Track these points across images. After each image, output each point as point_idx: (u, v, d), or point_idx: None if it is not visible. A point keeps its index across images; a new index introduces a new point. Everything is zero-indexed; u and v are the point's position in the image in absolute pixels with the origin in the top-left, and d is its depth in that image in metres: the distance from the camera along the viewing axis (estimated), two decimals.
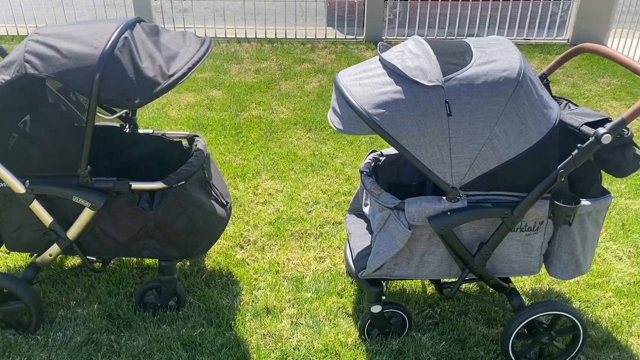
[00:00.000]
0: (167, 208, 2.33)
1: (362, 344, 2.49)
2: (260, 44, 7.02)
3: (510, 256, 2.34)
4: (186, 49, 2.33)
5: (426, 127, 2.04)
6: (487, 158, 2.10)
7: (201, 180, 2.53)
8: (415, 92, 2.03)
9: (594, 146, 2.06)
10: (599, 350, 2.50)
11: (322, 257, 3.07)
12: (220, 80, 5.73)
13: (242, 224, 3.31)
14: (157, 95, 2.15)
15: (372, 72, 2.18)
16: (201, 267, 2.93)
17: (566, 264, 2.37)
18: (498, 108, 2.05)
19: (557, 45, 7.22)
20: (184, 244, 2.44)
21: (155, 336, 2.47)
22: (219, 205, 2.59)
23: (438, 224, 2.16)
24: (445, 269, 2.36)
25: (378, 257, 2.31)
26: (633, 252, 3.18)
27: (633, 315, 2.70)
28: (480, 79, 2.04)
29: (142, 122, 4.66)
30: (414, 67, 2.07)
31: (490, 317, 2.67)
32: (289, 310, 2.67)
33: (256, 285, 2.83)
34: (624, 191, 3.82)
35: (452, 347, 2.49)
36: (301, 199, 3.60)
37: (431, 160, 2.09)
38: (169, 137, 2.80)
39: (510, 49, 2.16)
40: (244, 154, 4.17)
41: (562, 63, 2.60)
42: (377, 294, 2.42)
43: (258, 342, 2.49)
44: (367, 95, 2.07)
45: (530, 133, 2.09)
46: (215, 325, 2.55)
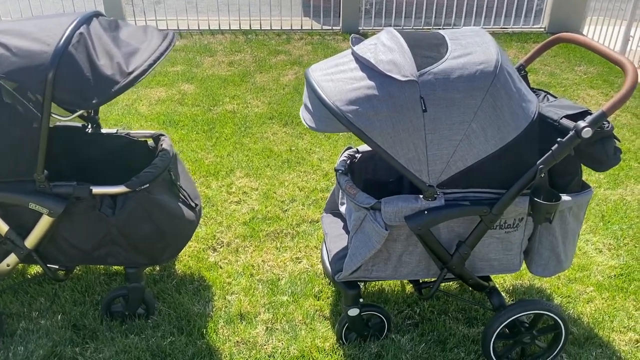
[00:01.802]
0: (130, 213, 2.21)
1: (339, 349, 2.41)
2: (235, 35, 6.86)
3: (489, 254, 2.27)
4: (147, 44, 2.20)
5: (401, 123, 1.95)
6: (464, 155, 2.02)
7: (167, 182, 2.41)
8: (388, 88, 1.94)
9: (574, 140, 1.99)
10: (581, 347, 2.46)
11: (298, 258, 2.97)
12: (192, 73, 5.57)
13: (215, 225, 3.19)
14: (116, 94, 2.02)
15: (344, 66, 2.08)
16: (171, 271, 2.81)
17: (547, 260, 2.31)
18: (475, 103, 1.96)
19: (534, 34, 7.19)
20: (150, 250, 2.32)
21: (122, 347, 2.35)
22: (187, 208, 2.47)
23: (415, 223, 2.07)
24: (423, 269, 2.28)
25: (355, 259, 2.22)
26: (613, 244, 3.15)
27: (614, 310, 2.66)
28: (455, 73, 1.95)
29: (110, 119, 4.50)
30: (387, 61, 1.97)
31: (470, 316, 2.61)
32: (264, 316, 2.57)
33: (229, 290, 2.72)
34: (603, 182, 3.79)
35: (432, 348, 2.42)
36: (277, 197, 3.50)
37: (407, 158, 2.00)
38: (134, 136, 2.67)
39: (487, 40, 2.08)
40: (217, 150, 4.04)
41: (540, 53, 2.54)
42: (354, 296, 2.33)
43: (231, 350, 2.38)
44: (340, 91, 1.97)
45: (508, 128, 2.01)
46: (186, 333, 2.44)
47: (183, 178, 2.59)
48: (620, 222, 3.34)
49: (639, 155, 4.19)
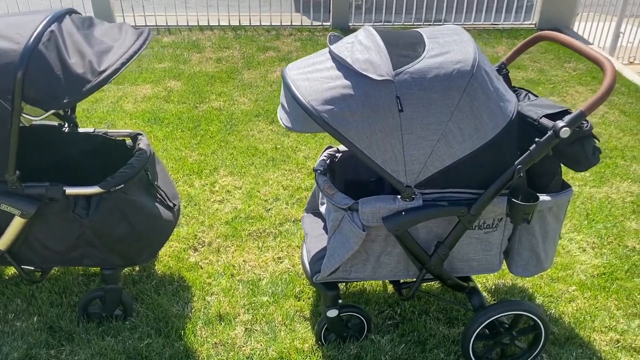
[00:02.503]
0: (104, 214, 2.17)
1: (318, 350, 2.38)
2: (224, 31, 6.80)
3: (469, 254, 2.25)
4: (121, 42, 2.16)
5: (377, 123, 1.93)
6: (442, 155, 2.00)
7: (144, 182, 2.37)
8: (364, 87, 1.91)
9: (552, 140, 1.97)
10: (562, 347, 2.45)
11: (280, 258, 2.95)
12: (179, 70, 5.53)
13: (196, 225, 3.16)
14: (87, 93, 1.99)
15: (320, 65, 2.05)
16: (151, 272, 2.78)
17: (527, 260, 2.29)
18: (452, 102, 1.94)
19: (524, 30, 7.16)
20: (127, 251, 2.29)
21: (98, 349, 2.32)
22: (165, 209, 2.44)
23: (392, 224, 2.05)
24: (402, 269, 2.26)
25: (333, 260, 2.20)
26: (597, 242, 3.14)
27: (596, 310, 2.65)
28: (432, 72, 1.93)
29: (95, 116, 4.45)
30: (364, 60, 1.94)
31: (451, 316, 2.59)
32: (244, 317, 2.55)
33: (209, 291, 2.69)
34: (588, 179, 3.78)
35: (412, 349, 2.40)
36: (261, 195, 3.47)
37: (384, 158, 1.98)
38: (111, 135, 2.63)
39: (465, 39, 2.05)
40: (202, 148, 4.00)
41: (521, 52, 2.52)
42: (333, 297, 2.31)
43: (209, 352, 2.36)
44: (315, 91, 1.94)
45: (485, 128, 1.99)
46: (164, 335, 2.41)
47: (161, 178, 2.55)
48: (604, 220, 3.33)
49: (625, 152, 4.18)
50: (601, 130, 4.56)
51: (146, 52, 5.98)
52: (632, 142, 4.37)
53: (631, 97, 5.34)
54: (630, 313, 2.64)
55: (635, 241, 3.15)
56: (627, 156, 4.13)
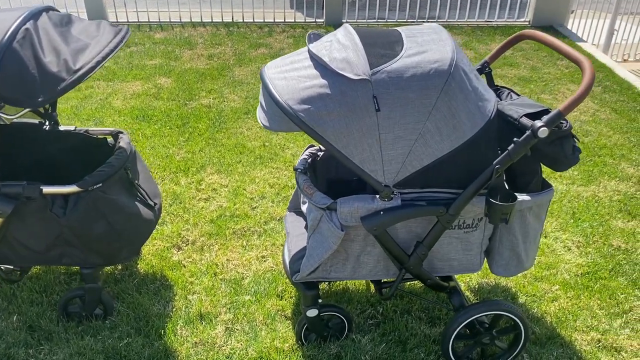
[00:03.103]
0: (82, 213, 2.16)
1: (299, 350, 2.38)
2: (216, 28, 6.78)
3: (449, 254, 2.25)
4: (98, 39, 2.14)
5: (354, 123, 1.91)
6: (420, 154, 1.98)
7: (124, 181, 2.36)
8: (341, 87, 1.90)
9: (531, 140, 1.96)
10: (543, 347, 2.44)
11: (264, 257, 2.94)
12: (170, 67, 5.50)
13: (181, 223, 3.15)
14: (62, 92, 1.97)
15: (298, 64, 2.03)
16: (133, 271, 2.78)
17: (508, 260, 2.28)
18: (429, 102, 1.93)
19: (518, 27, 7.14)
20: (106, 250, 2.28)
21: (77, 349, 2.31)
22: (146, 207, 2.42)
23: (370, 224, 2.04)
24: (382, 269, 2.25)
25: (312, 260, 2.19)
26: (582, 241, 3.13)
27: (578, 309, 2.65)
28: (409, 72, 1.91)
29: (83, 113, 4.44)
30: (341, 59, 1.93)
31: (433, 315, 2.59)
32: (225, 316, 2.54)
33: (191, 290, 2.69)
34: (576, 178, 3.77)
35: (393, 349, 2.39)
36: (247, 194, 3.46)
37: (361, 158, 1.97)
38: (93, 133, 2.61)
39: (444, 38, 2.04)
40: (189, 146, 3.99)
41: (504, 51, 2.51)
42: (313, 297, 2.31)
43: (188, 351, 2.35)
44: (292, 90, 1.93)
45: (463, 127, 1.98)
46: (144, 334, 2.41)
47: (143, 176, 2.54)
48: (590, 219, 3.32)
49: (614, 151, 4.17)
50: (591, 128, 4.55)
51: (137, 49, 5.97)
52: (622, 140, 4.36)
53: (623, 94, 5.33)
54: (612, 313, 2.64)
55: (620, 240, 3.14)
56: (615, 155, 4.12)
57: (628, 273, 2.89)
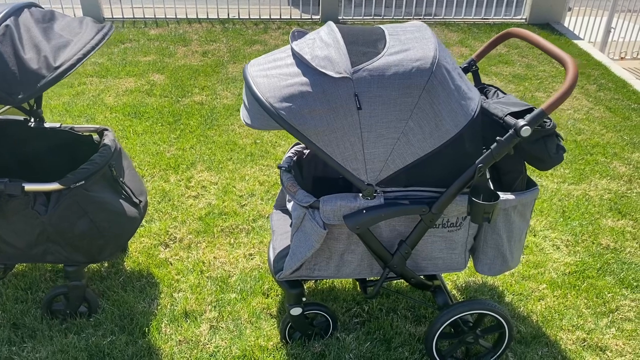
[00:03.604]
0: (64, 211, 2.15)
1: (283, 348, 2.37)
2: (212, 24, 6.76)
3: (433, 253, 2.24)
4: (80, 36, 2.13)
5: (336, 121, 1.90)
6: (403, 153, 1.97)
7: (108, 178, 2.35)
8: (322, 85, 1.88)
9: (513, 139, 1.95)
10: (528, 346, 2.44)
11: (251, 254, 2.93)
12: (164, 63, 5.49)
13: (169, 220, 3.14)
14: (42, 89, 1.96)
15: (281, 62, 2.02)
16: (120, 268, 2.77)
17: (493, 259, 2.27)
18: (411, 101, 1.91)
19: (514, 25, 7.12)
20: (88, 248, 2.27)
21: (60, 346, 2.31)
22: (130, 205, 2.41)
23: (353, 222, 2.04)
24: (366, 267, 2.24)
25: (295, 258, 2.18)
26: (571, 240, 3.12)
27: (565, 308, 2.64)
28: (391, 70, 1.90)
29: (75, 110, 4.42)
30: (323, 57, 1.92)
31: (419, 314, 2.58)
32: (210, 314, 2.54)
33: (177, 287, 2.68)
34: (567, 176, 3.76)
35: (377, 347, 2.39)
36: (236, 191, 3.45)
37: (343, 156, 1.96)
38: (78, 130, 2.60)
39: (427, 36, 2.02)
40: (180, 143, 3.97)
41: (490, 49, 2.49)
42: (297, 295, 2.30)
43: (172, 349, 2.35)
44: (273, 88, 1.92)
45: (446, 126, 1.97)
46: (128, 332, 2.40)
47: (128, 174, 2.53)
48: (580, 218, 3.31)
49: (607, 149, 4.16)
50: (584, 126, 4.54)
51: (131, 45, 5.95)
52: (615, 138, 4.35)
53: (618, 93, 5.31)
54: (598, 312, 2.63)
55: (609, 239, 3.14)
56: (608, 153, 4.11)
57: (616, 272, 2.88)
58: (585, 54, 6.31)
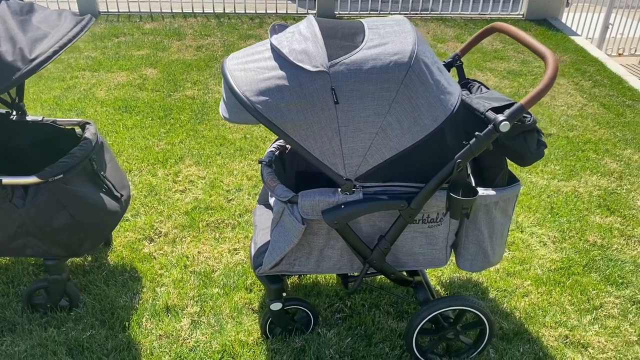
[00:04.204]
0: (42, 204, 2.14)
1: (263, 343, 2.37)
2: (207, 18, 6.74)
3: (413, 248, 2.22)
4: (58, 29, 2.12)
5: (313, 116, 1.89)
6: (381, 148, 1.96)
7: (88, 172, 2.34)
8: (299, 78, 1.87)
9: (492, 134, 1.94)
10: (510, 342, 2.42)
11: (236, 249, 2.92)
12: (157, 57, 5.47)
13: (155, 215, 3.13)
14: (17, 81, 1.95)
15: (259, 55, 2.00)
16: (103, 262, 2.76)
17: (474, 255, 2.26)
18: (389, 95, 1.90)
19: (511, 21, 7.08)
20: (67, 242, 2.27)
21: (39, 340, 2.31)
22: (111, 199, 2.40)
23: (331, 217, 2.02)
24: (346, 263, 2.23)
25: (274, 253, 2.17)
26: (558, 237, 3.11)
27: (548, 305, 2.63)
28: (369, 64, 1.88)
29: (66, 104, 4.41)
30: (300, 51, 1.90)
31: (402, 309, 2.57)
32: (191, 309, 2.53)
33: (160, 282, 2.67)
34: (557, 173, 3.74)
35: (358, 343, 2.38)
36: (223, 186, 3.44)
37: (321, 151, 1.95)
38: (60, 124, 2.59)
39: (406, 30, 2.00)
40: (170, 137, 3.96)
41: (475, 43, 2.48)
42: (277, 290, 2.29)
43: (152, 344, 2.34)
44: (250, 81, 1.90)
45: (425, 121, 1.95)
46: (108, 326, 2.40)
47: (110, 167, 2.52)
48: (568, 214, 3.30)
49: (599, 146, 4.14)
50: (577, 122, 4.52)
51: (125, 39, 5.93)
52: (607, 135, 4.32)
53: (613, 89, 5.29)
54: (582, 309, 2.62)
55: (597, 236, 3.12)
56: (599, 149, 4.09)
57: (602, 269, 2.87)
58: (582, 50, 6.27)
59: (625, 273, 2.84)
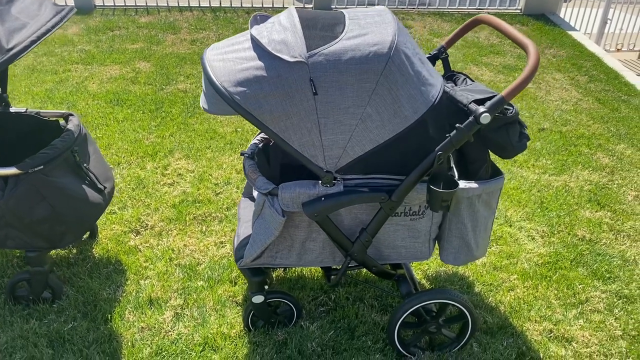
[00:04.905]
0: (21, 196, 2.13)
1: (245, 336, 2.36)
2: (203, 12, 6.71)
3: (396, 242, 2.21)
4: (37, 19, 2.10)
5: (291, 107, 1.87)
6: (361, 140, 1.94)
7: (70, 164, 2.33)
8: (277, 69, 1.85)
9: (473, 126, 1.92)
10: (493, 337, 2.41)
11: (222, 242, 2.91)
12: (151, 51, 5.45)
13: (142, 207, 3.12)
14: None
15: (239, 45, 1.99)
16: (88, 255, 2.76)
17: (458, 249, 2.24)
18: (369, 86, 1.88)
19: (509, 15, 7.04)
20: (48, 233, 2.26)
21: (20, 332, 2.30)
22: (94, 191, 2.39)
23: (311, 210, 2.01)
24: (328, 256, 2.22)
25: (255, 246, 2.16)
26: (547, 231, 3.09)
27: (534, 299, 2.62)
28: (348, 54, 1.86)
29: (57, 97, 4.40)
30: (279, 41, 1.89)
31: (386, 303, 2.56)
32: (175, 301, 2.52)
33: (144, 275, 2.67)
34: (548, 167, 3.72)
35: (340, 336, 2.37)
36: (212, 179, 3.43)
37: (301, 142, 1.93)
38: (44, 116, 2.58)
39: (387, 21, 1.98)
40: (160, 131, 3.95)
41: (461, 35, 2.46)
42: (259, 283, 2.28)
43: (134, 336, 2.34)
44: (228, 72, 1.89)
45: (405, 112, 1.93)
46: (90, 319, 2.39)
47: (94, 159, 2.51)
48: (558, 209, 3.28)
49: (592, 141, 4.12)
50: (571, 117, 4.49)
51: (120, 33, 5.92)
52: (601, 130, 4.30)
53: (609, 84, 5.25)
54: (568, 303, 2.60)
55: (585, 230, 3.10)
56: (592, 144, 4.06)
57: (589, 263, 2.85)
58: (579, 45, 6.23)
59: (612, 268, 2.83)
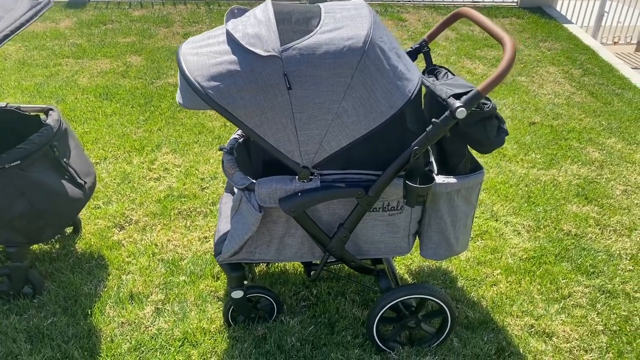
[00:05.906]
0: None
1: (225, 331, 2.36)
2: (197, 5, 6.68)
3: (374, 237, 2.20)
4: (12, 13, 2.09)
5: (266, 102, 1.86)
6: (337, 135, 1.93)
7: (50, 159, 2.32)
8: (251, 63, 1.83)
9: (449, 121, 1.91)
10: (474, 332, 2.41)
11: (206, 237, 2.91)
12: (143, 45, 5.43)
13: (127, 202, 3.12)
14: None
15: (213, 39, 1.97)
16: (70, 250, 2.75)
17: (437, 244, 2.23)
18: (344, 81, 1.86)
19: (505, 8, 7.00)
20: (27, 229, 2.26)
21: (0, 327, 2.30)
22: (74, 186, 2.39)
23: (287, 205, 2.00)
24: (307, 251, 2.21)
25: (233, 241, 2.16)
26: (533, 225, 3.08)
27: (517, 294, 2.61)
28: (322, 49, 1.85)
29: (47, 91, 4.39)
30: (253, 35, 1.87)
31: (368, 298, 2.56)
32: (156, 296, 2.52)
33: (126, 270, 2.67)
34: (537, 161, 3.70)
35: (320, 331, 2.37)
36: (198, 174, 3.42)
37: (276, 138, 1.92)
38: (24, 110, 2.57)
39: (363, 15, 1.96)
40: (148, 125, 3.94)
41: (442, 29, 2.44)
42: (238, 278, 2.27)
43: (113, 331, 2.34)
44: (202, 66, 1.87)
45: (381, 107, 1.92)
46: (70, 314, 2.39)
47: (74, 154, 2.50)
48: (545, 203, 3.26)
49: (582, 135, 4.09)
50: (563, 111, 4.47)
51: (112, 26, 5.89)
52: (592, 124, 4.27)
53: (603, 77, 5.22)
54: (550, 298, 2.60)
55: (572, 225, 3.09)
56: (583, 138, 4.04)
57: (574, 258, 2.84)
58: (574, 38, 6.19)
59: (597, 262, 2.82)
